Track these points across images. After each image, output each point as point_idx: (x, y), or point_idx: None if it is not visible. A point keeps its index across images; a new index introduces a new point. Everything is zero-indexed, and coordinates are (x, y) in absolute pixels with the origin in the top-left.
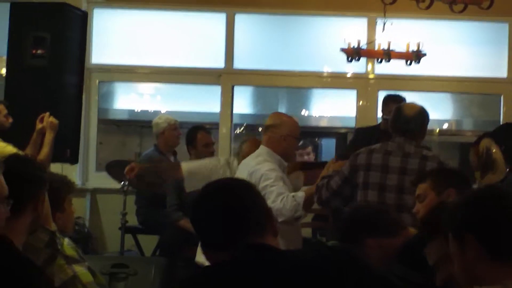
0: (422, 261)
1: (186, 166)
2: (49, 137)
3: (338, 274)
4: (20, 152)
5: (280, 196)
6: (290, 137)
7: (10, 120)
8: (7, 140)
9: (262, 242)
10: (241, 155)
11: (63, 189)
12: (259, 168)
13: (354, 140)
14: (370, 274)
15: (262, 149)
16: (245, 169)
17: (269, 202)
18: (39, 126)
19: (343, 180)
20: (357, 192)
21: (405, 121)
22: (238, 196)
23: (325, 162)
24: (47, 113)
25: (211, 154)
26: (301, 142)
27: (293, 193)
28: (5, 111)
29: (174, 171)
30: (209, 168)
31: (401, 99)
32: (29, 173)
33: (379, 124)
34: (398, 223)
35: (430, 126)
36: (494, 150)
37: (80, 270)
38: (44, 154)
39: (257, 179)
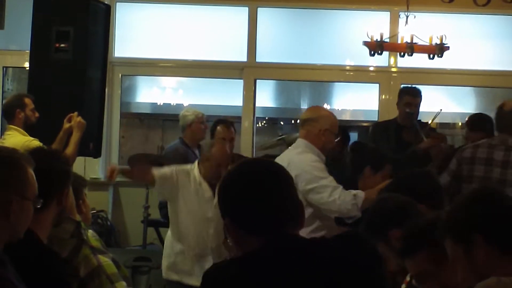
0: None
1: (157, 173)
2: (75, 137)
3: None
4: (45, 147)
5: (336, 190)
6: (328, 132)
7: (37, 115)
8: (31, 133)
9: (295, 233)
10: (211, 160)
11: (81, 181)
12: (302, 158)
13: (371, 135)
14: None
15: (301, 141)
16: (284, 159)
17: (323, 196)
18: (66, 125)
19: (452, 176)
20: (462, 186)
21: (508, 118)
22: (284, 183)
23: None
24: (75, 113)
25: (229, 148)
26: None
27: (353, 192)
28: (32, 106)
29: (145, 176)
30: (175, 179)
31: (417, 91)
32: (55, 167)
33: (396, 117)
34: (423, 215)
35: (452, 120)
36: None
37: (105, 261)
38: (69, 153)
39: (300, 170)
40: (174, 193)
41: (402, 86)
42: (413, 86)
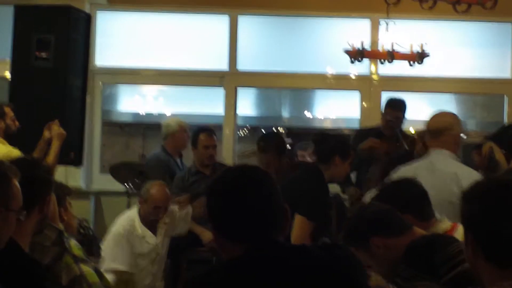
0: (428, 262)
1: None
2: (55, 146)
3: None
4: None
5: None
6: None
7: (17, 123)
8: (11, 142)
9: (278, 239)
10: (149, 201)
11: (64, 189)
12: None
13: (353, 140)
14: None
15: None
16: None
17: None
18: (46, 135)
19: None
20: None
21: None
22: (267, 189)
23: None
24: (56, 122)
25: (211, 156)
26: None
27: None
28: (12, 114)
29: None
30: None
31: (399, 104)
32: (37, 176)
33: (380, 125)
34: (404, 223)
35: None
36: (497, 153)
37: (87, 270)
38: (49, 162)
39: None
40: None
41: (389, 95)
42: (399, 98)
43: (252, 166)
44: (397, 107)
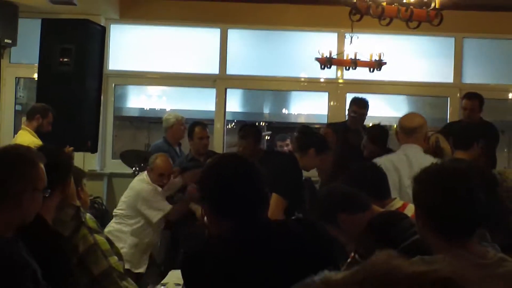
0: (385, 236)
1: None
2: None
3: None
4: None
5: None
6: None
7: (50, 128)
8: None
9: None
10: (154, 170)
11: (80, 173)
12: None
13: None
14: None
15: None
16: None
17: None
18: None
19: None
20: None
21: None
22: (255, 175)
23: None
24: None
25: (205, 146)
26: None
27: None
28: (51, 120)
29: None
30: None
31: (364, 103)
32: (59, 161)
33: (346, 120)
34: (366, 202)
35: (389, 122)
36: (442, 142)
37: (100, 239)
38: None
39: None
40: (153, 204)
41: (353, 96)
42: (363, 98)
43: (241, 156)
44: (361, 105)
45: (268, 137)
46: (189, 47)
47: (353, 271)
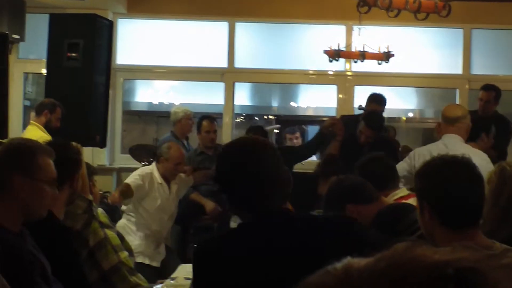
0: (393, 228)
1: (133, 185)
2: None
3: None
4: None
5: None
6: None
7: (59, 124)
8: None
9: (282, 206)
10: (170, 160)
11: (92, 169)
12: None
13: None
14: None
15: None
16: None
17: None
18: None
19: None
20: None
21: None
22: (274, 157)
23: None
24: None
25: (212, 139)
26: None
27: None
28: (59, 116)
29: (130, 191)
30: (146, 185)
31: (382, 100)
32: (67, 157)
33: (360, 114)
34: (374, 193)
35: (397, 115)
36: None
37: (111, 234)
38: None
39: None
40: (144, 195)
41: (373, 93)
42: (381, 95)
43: (255, 138)
44: (380, 103)
45: (277, 131)
46: (197, 40)
47: (376, 258)
